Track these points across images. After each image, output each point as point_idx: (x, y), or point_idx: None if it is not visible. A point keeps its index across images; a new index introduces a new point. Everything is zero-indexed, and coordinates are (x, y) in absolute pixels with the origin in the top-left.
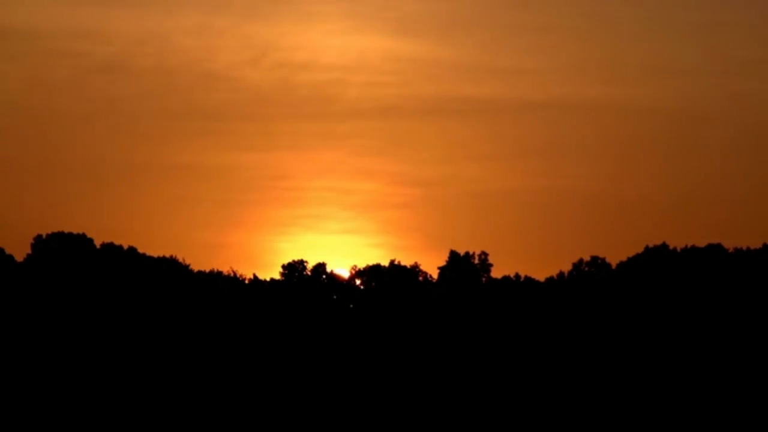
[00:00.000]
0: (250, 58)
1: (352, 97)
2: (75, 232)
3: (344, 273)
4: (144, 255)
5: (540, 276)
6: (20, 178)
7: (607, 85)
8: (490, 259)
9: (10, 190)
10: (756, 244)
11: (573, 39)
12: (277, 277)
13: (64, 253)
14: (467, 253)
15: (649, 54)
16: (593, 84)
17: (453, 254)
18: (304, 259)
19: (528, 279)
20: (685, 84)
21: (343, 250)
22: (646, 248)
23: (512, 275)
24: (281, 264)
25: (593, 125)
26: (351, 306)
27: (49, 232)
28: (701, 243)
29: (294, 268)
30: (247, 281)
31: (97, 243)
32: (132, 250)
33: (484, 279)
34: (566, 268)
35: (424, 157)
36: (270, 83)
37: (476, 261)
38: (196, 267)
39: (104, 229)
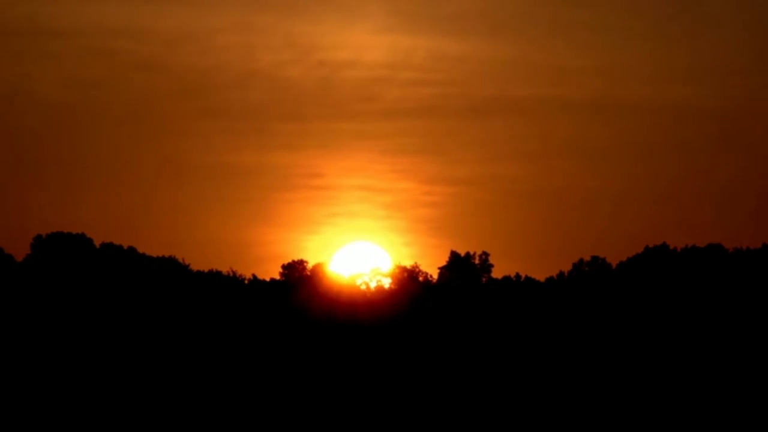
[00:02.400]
0: (291, 57)
1: (393, 96)
2: (74, 231)
3: (347, 273)
4: (144, 255)
5: (540, 276)
6: (41, 176)
7: (652, 85)
8: (491, 260)
9: (11, 189)
10: (756, 244)
11: (625, 37)
12: (277, 277)
13: (64, 252)
14: (468, 253)
15: (699, 53)
16: (639, 83)
17: (453, 254)
18: (306, 258)
19: (528, 279)
20: (735, 83)
21: (375, 250)
22: (646, 248)
23: (512, 275)
24: (281, 264)
25: (621, 125)
26: (351, 306)
27: (50, 231)
28: (701, 243)
29: (294, 269)
30: (246, 281)
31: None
32: (132, 250)
33: (484, 279)
34: (566, 268)
35: (462, 157)
36: (311, 82)
37: (477, 261)
38: (198, 267)
39: (126, 230)
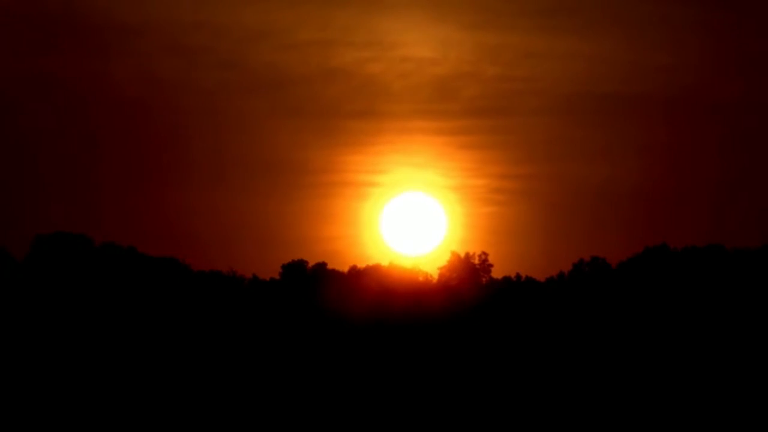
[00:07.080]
0: (373, 54)
1: (474, 93)
2: (75, 232)
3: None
4: (144, 255)
5: (540, 276)
6: (42, 175)
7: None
8: (490, 260)
9: (12, 188)
10: (756, 244)
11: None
12: (277, 277)
13: (64, 252)
14: (467, 254)
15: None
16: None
17: (453, 255)
18: (306, 258)
19: (528, 279)
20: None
21: (443, 247)
22: (646, 248)
23: (512, 275)
24: (281, 264)
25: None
26: (349, 306)
27: (50, 231)
28: (701, 243)
29: (294, 268)
30: (246, 281)
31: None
32: (132, 249)
33: (484, 279)
34: (566, 268)
35: (538, 156)
36: (391, 79)
37: (476, 261)
38: (198, 267)
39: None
